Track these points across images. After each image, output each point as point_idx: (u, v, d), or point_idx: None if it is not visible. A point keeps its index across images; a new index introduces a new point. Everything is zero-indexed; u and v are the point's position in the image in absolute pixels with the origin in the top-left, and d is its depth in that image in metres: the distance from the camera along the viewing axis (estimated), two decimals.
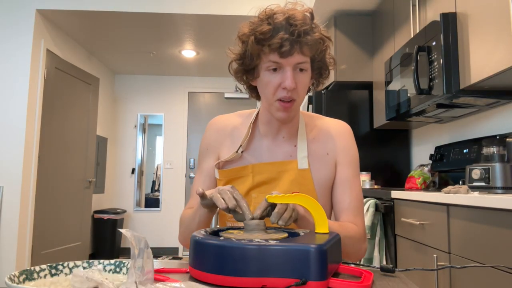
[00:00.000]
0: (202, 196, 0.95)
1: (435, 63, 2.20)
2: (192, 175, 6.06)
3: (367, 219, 2.29)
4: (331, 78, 3.63)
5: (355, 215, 1.13)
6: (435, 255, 1.74)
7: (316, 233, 0.81)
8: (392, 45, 3.07)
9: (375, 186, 3.25)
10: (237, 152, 1.15)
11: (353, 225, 1.11)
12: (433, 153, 2.89)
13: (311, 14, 1.05)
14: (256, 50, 1.03)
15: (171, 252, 5.87)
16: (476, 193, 1.66)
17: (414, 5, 2.67)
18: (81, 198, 4.76)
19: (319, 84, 1.16)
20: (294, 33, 0.98)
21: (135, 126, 6.13)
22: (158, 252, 5.77)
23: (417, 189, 2.72)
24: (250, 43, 1.03)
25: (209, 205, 0.98)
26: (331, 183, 1.16)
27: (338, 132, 1.19)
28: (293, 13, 1.01)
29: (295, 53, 1.00)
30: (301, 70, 1.04)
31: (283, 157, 1.15)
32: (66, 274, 0.73)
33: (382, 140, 3.51)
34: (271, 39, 0.99)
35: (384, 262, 2.29)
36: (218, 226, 1.19)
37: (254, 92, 1.18)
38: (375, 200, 2.35)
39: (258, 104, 1.24)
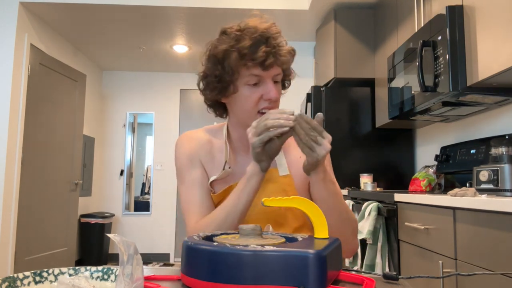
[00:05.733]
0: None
1: (441, 59, 2.20)
2: None
3: (369, 224, 2.29)
4: (331, 75, 3.64)
5: None
6: (440, 262, 1.74)
7: (315, 238, 0.81)
8: (395, 40, 3.08)
9: (377, 189, 3.25)
10: (224, 169, 1.16)
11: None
12: (438, 153, 2.90)
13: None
14: (238, 65, 1.08)
15: (162, 258, 5.86)
16: (484, 196, 1.66)
17: None
18: (67, 201, 4.74)
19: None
20: (273, 45, 1.07)
21: (124, 125, 6.12)
22: (148, 258, 5.76)
23: (422, 192, 2.73)
24: (234, 59, 1.07)
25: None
26: (308, 185, 1.18)
27: None
28: (266, 26, 1.09)
29: (275, 65, 1.08)
30: (276, 82, 1.12)
31: None
32: (51, 281, 0.72)
33: (384, 140, 3.52)
34: (254, 53, 1.06)
35: (387, 269, 2.30)
36: None
37: (219, 109, 1.22)
38: (378, 203, 2.36)
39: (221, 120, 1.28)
